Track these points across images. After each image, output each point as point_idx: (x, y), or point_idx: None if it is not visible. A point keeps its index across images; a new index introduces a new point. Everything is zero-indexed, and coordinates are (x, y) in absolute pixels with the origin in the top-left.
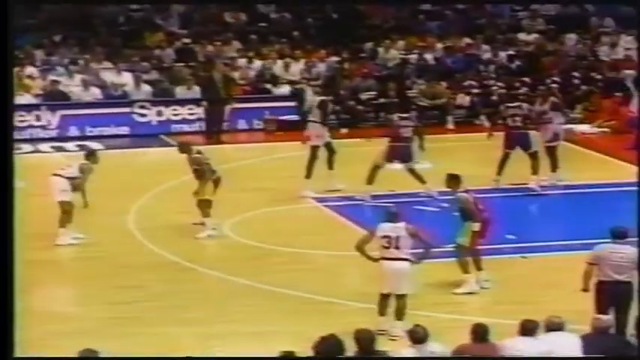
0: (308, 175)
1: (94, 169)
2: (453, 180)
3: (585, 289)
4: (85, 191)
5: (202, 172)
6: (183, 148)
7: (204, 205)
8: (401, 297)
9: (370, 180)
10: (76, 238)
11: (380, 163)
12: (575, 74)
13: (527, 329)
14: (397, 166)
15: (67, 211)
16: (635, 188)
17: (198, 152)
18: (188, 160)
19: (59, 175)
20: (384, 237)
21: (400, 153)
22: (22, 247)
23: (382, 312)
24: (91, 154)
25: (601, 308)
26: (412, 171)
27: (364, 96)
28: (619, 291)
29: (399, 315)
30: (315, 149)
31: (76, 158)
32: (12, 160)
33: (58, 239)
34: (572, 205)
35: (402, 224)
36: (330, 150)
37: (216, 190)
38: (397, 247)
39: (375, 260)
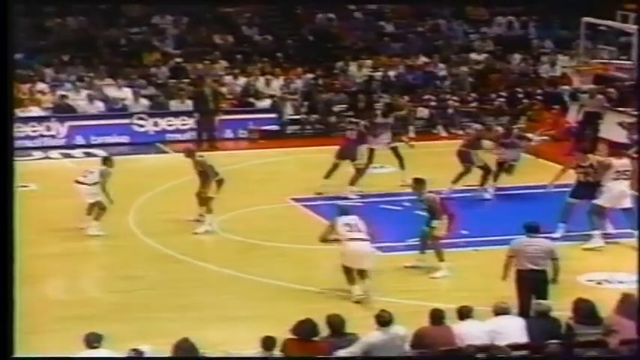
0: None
1: (112, 172)
2: (419, 183)
3: (504, 278)
4: (107, 192)
5: (206, 173)
6: (189, 153)
7: (207, 202)
8: (364, 271)
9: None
10: (100, 229)
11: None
12: (519, 89)
13: (463, 313)
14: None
15: (101, 208)
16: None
17: (201, 157)
18: (193, 163)
19: (82, 183)
20: (346, 225)
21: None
22: (34, 242)
23: (352, 282)
24: (107, 160)
25: (521, 294)
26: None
27: (336, 108)
28: (536, 279)
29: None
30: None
31: (92, 164)
32: (12, 161)
33: (89, 230)
34: (518, 204)
35: (354, 216)
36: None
37: (219, 189)
38: (358, 231)
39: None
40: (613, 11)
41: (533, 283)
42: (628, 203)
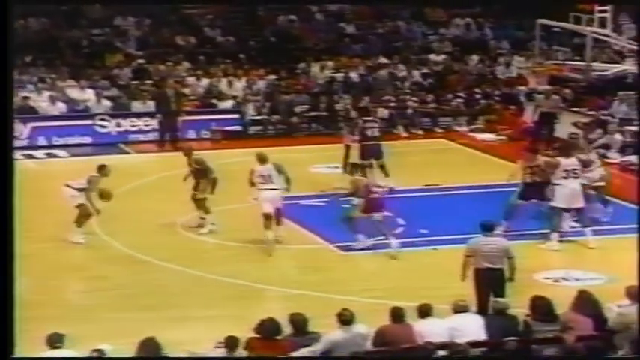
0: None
1: (101, 181)
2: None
3: (463, 278)
4: (92, 200)
5: (204, 171)
6: (187, 151)
7: (203, 203)
8: (277, 219)
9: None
10: (85, 236)
11: (357, 162)
12: (477, 90)
13: (424, 311)
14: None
15: (84, 214)
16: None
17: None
18: (190, 161)
19: (69, 187)
20: (260, 176)
21: (373, 151)
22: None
23: (268, 227)
24: (102, 168)
25: (479, 292)
26: (383, 167)
27: (298, 109)
28: (493, 277)
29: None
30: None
31: (87, 171)
32: (12, 162)
33: (71, 237)
34: (477, 202)
35: (270, 165)
36: None
37: (214, 189)
38: (270, 182)
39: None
40: (566, 13)
41: (490, 282)
42: (580, 203)
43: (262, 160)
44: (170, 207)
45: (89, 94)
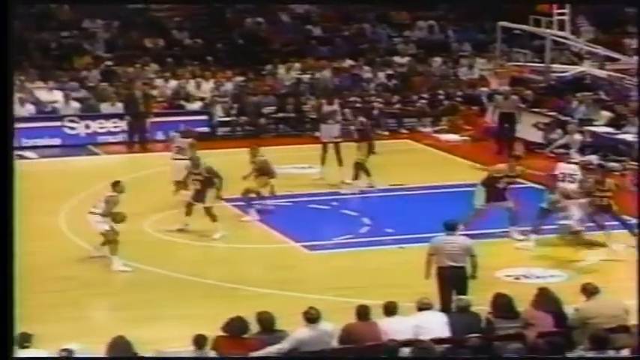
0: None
1: (119, 199)
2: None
3: (427, 276)
4: (115, 219)
5: (212, 180)
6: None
7: (210, 211)
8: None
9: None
10: (126, 264)
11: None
12: (440, 91)
13: (389, 309)
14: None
15: (111, 241)
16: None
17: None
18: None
19: (93, 213)
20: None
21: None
22: None
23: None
24: (116, 185)
25: (442, 290)
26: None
27: (266, 110)
28: (456, 275)
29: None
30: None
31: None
32: (12, 162)
33: (112, 266)
34: (441, 202)
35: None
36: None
37: (219, 196)
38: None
39: None
40: (526, 16)
41: (453, 280)
42: None
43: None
44: (139, 207)
45: (58, 96)
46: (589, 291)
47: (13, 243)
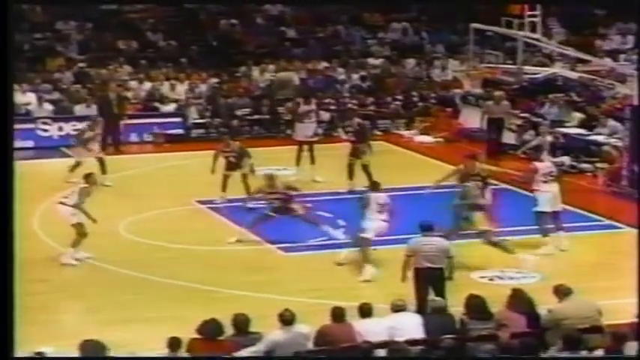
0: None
1: (92, 190)
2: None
3: (403, 279)
4: (87, 211)
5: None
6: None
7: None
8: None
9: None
10: (78, 259)
11: (348, 160)
12: (414, 93)
13: (364, 311)
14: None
15: (80, 233)
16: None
17: None
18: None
19: (63, 204)
20: None
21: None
22: None
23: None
24: (89, 176)
25: (419, 292)
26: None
27: (239, 112)
28: (433, 276)
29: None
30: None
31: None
32: (12, 163)
33: (63, 258)
34: (415, 203)
35: None
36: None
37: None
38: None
39: None
40: (499, 17)
41: (430, 281)
42: (560, 206)
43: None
44: (114, 210)
45: (31, 98)
46: (562, 292)
47: (13, 244)
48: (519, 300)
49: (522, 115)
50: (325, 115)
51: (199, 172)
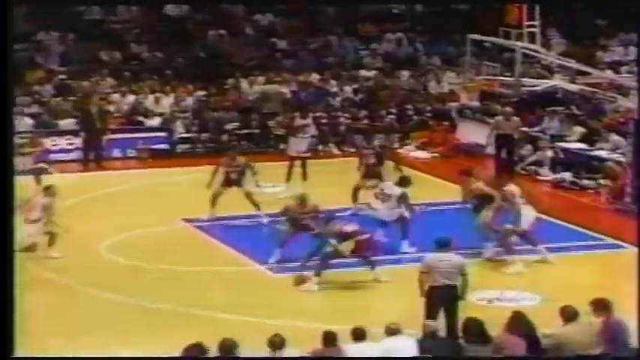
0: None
1: (54, 203)
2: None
3: (422, 294)
4: (54, 222)
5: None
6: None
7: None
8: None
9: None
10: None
11: (361, 183)
12: (409, 106)
13: (358, 335)
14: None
15: (53, 236)
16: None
17: None
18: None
19: (29, 222)
20: None
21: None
22: None
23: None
24: (48, 189)
25: (431, 311)
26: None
27: (228, 126)
28: (448, 294)
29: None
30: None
31: (36, 198)
32: (12, 165)
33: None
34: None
35: None
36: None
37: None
38: None
39: None
40: (496, 28)
41: (446, 299)
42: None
43: None
44: (94, 229)
45: None
46: (567, 314)
47: (12, 246)
48: (519, 323)
49: (521, 129)
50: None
51: (186, 188)
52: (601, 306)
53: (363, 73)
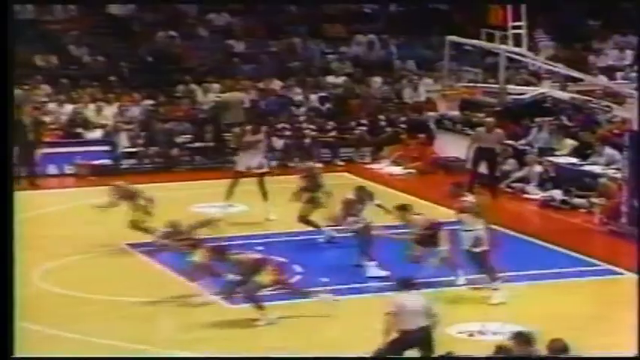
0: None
1: None
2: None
3: (388, 340)
4: None
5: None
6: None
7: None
8: None
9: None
10: None
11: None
12: (381, 116)
13: None
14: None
15: None
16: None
17: None
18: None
19: None
20: None
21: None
22: None
23: None
24: None
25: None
26: None
27: (179, 139)
28: (426, 336)
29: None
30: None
31: None
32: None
33: None
34: (383, 246)
35: None
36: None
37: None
38: None
39: None
40: (478, 30)
41: (422, 342)
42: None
43: None
44: (26, 255)
45: None
46: (556, 349)
47: (12, 247)
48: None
49: (504, 142)
50: (279, 143)
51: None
52: (524, 340)
53: (331, 79)
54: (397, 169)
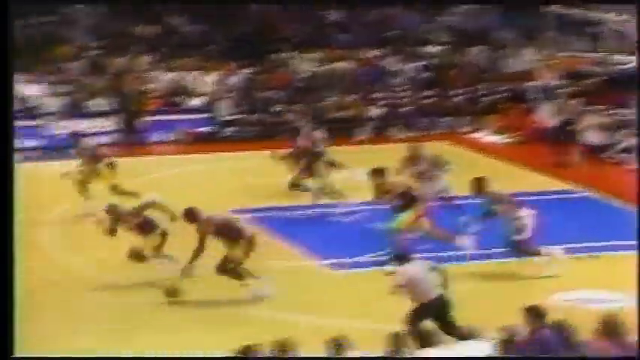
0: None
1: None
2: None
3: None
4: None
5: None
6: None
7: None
8: None
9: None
10: None
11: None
12: (480, 86)
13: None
14: None
15: None
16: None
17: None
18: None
19: None
20: None
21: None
22: None
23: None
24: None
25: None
26: None
27: (276, 108)
28: (442, 305)
29: None
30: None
31: None
32: (12, 164)
33: None
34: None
35: None
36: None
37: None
38: None
39: None
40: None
41: (442, 311)
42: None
43: None
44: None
45: (35, 91)
46: None
47: (12, 246)
48: (612, 327)
49: (611, 112)
50: (376, 112)
51: (232, 176)
52: (533, 314)
53: (429, 49)
54: (497, 138)
